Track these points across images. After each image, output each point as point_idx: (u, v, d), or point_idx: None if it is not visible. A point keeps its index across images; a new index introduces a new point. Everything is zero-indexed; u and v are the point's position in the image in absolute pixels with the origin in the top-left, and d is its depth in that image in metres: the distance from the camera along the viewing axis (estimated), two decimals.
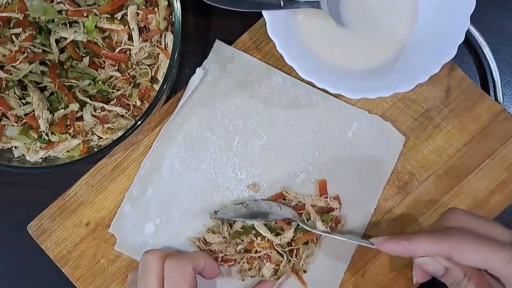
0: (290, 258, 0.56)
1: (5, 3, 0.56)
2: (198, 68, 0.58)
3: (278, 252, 0.56)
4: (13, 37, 0.55)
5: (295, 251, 0.56)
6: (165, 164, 0.58)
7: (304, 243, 0.56)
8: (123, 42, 0.56)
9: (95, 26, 0.55)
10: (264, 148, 0.59)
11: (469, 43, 0.60)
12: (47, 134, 0.55)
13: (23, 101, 0.56)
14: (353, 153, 0.58)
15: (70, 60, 0.56)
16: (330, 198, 0.57)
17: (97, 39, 0.55)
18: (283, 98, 0.59)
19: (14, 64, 0.54)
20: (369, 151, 0.58)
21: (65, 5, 0.54)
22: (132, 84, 0.57)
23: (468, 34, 0.58)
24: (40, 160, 0.56)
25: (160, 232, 0.58)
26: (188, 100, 0.58)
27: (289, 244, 0.56)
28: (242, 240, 0.56)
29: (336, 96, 0.58)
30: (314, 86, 0.53)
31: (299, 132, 0.59)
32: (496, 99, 0.59)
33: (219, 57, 0.59)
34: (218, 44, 0.59)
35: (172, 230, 0.58)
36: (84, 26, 0.55)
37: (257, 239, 0.55)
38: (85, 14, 0.54)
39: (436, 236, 0.45)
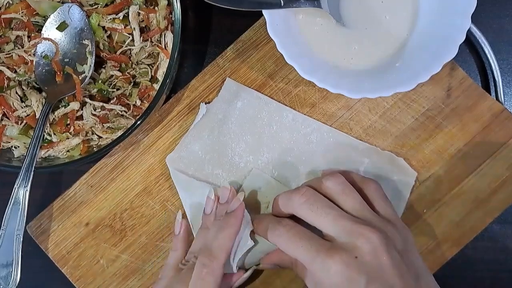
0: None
1: (6, 3, 0.56)
2: (202, 104, 0.57)
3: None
4: (23, 38, 0.55)
5: None
6: None
7: None
8: (126, 43, 0.56)
9: (97, 25, 0.55)
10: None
11: (470, 42, 0.60)
12: (49, 134, 0.55)
13: (23, 104, 0.56)
14: None
15: None
16: None
17: (100, 40, 0.55)
18: (294, 135, 0.58)
19: (20, 66, 0.55)
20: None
21: None
22: (132, 84, 0.57)
23: (469, 33, 0.58)
24: (40, 160, 0.56)
25: None
26: (198, 138, 0.58)
27: None
28: None
29: (347, 132, 0.58)
30: (324, 122, 0.56)
31: (310, 168, 0.57)
32: (497, 98, 0.59)
33: (229, 95, 0.58)
34: (228, 82, 0.58)
35: None
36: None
37: None
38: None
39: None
